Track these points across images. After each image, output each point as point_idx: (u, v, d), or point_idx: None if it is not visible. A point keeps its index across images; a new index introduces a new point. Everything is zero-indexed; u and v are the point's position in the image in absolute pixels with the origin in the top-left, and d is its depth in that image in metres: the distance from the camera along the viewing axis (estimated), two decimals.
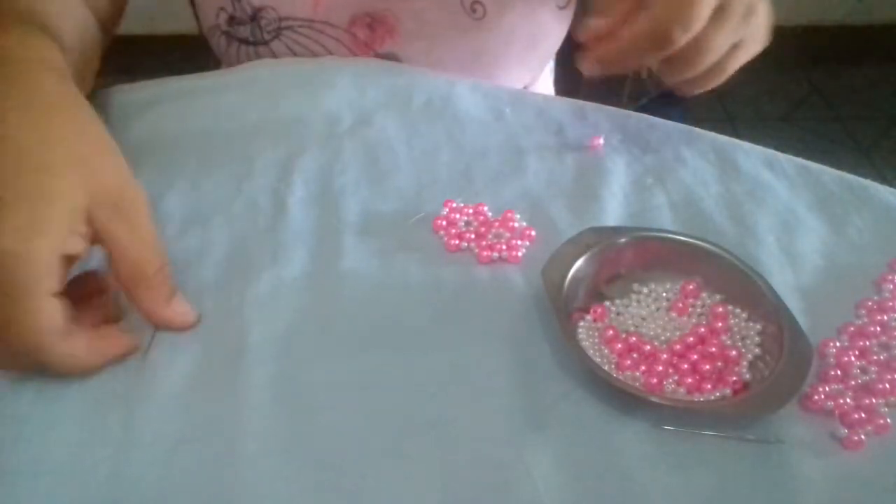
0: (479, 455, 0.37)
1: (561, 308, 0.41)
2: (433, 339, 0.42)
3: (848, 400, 0.39)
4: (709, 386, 0.40)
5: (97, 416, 0.38)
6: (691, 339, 0.41)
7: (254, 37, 0.65)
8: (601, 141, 0.54)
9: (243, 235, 0.48)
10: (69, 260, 0.38)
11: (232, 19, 0.65)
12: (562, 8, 0.67)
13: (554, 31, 0.68)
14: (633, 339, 0.41)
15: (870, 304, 0.45)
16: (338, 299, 0.44)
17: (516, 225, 0.49)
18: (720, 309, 0.43)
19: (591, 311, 0.43)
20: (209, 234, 0.48)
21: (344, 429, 0.38)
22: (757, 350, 0.41)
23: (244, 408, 0.39)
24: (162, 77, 0.61)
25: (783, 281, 0.46)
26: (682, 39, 0.43)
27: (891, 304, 0.45)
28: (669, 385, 0.40)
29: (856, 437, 0.38)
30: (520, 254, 0.47)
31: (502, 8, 0.63)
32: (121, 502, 0.36)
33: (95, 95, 0.57)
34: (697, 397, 0.39)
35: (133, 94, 0.59)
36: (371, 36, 0.64)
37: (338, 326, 0.43)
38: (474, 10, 0.62)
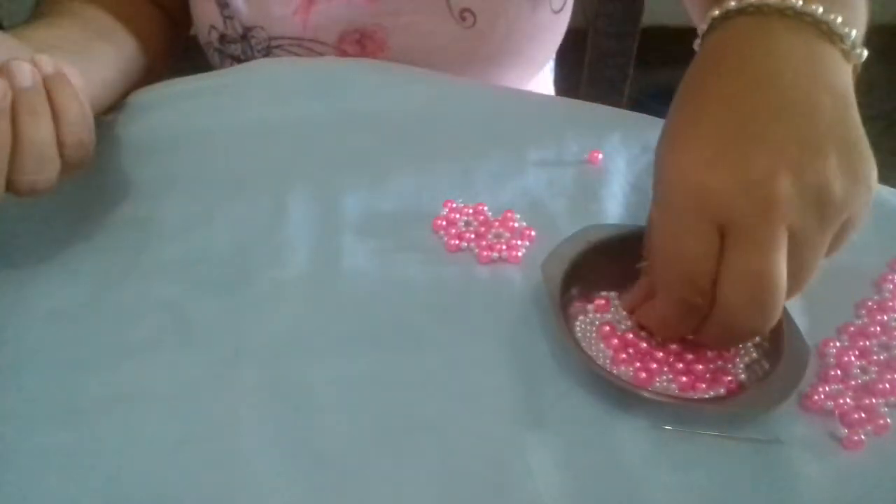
0: (479, 454, 0.37)
1: (558, 303, 0.41)
2: (433, 339, 0.42)
3: (848, 400, 0.39)
4: (703, 385, 0.40)
5: (97, 416, 0.38)
6: (690, 337, 0.42)
7: (245, 55, 0.66)
8: (601, 155, 0.53)
9: (243, 235, 0.48)
10: None
11: (223, 37, 0.66)
12: (556, 12, 0.66)
13: (548, 35, 0.68)
14: (630, 335, 0.41)
15: (870, 304, 0.45)
16: (338, 299, 0.44)
17: (516, 225, 0.49)
18: None
19: (595, 301, 0.43)
20: (209, 234, 0.48)
21: (344, 428, 0.38)
22: (754, 353, 0.41)
23: (244, 408, 0.39)
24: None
25: None
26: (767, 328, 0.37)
27: (891, 304, 0.45)
28: (661, 383, 0.40)
29: (856, 437, 0.38)
30: (520, 254, 0.47)
31: (493, 15, 0.62)
32: (121, 502, 0.36)
33: None
34: (692, 395, 0.40)
35: (135, 97, 0.59)
36: (361, 52, 0.64)
37: (337, 326, 0.43)
38: (464, 19, 0.62)
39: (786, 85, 0.37)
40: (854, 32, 0.39)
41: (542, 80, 0.77)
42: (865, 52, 0.40)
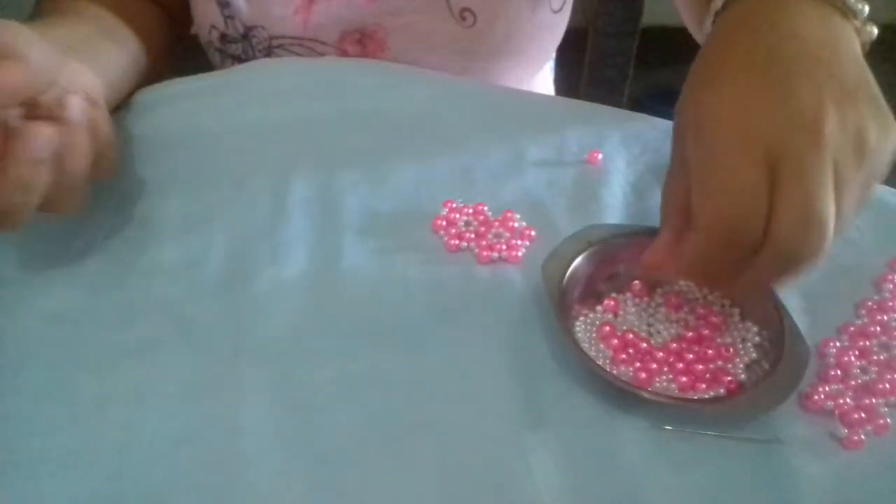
0: (479, 454, 0.37)
1: (559, 303, 0.42)
2: (433, 339, 0.42)
3: (848, 400, 0.39)
4: (703, 386, 0.40)
5: (97, 416, 0.39)
6: (689, 335, 0.42)
7: (245, 55, 0.66)
8: (600, 155, 0.53)
9: (243, 235, 0.48)
10: None
11: (224, 37, 0.66)
12: (556, 12, 0.66)
13: (548, 35, 0.68)
14: (630, 335, 0.41)
15: (870, 304, 0.45)
16: (338, 299, 0.44)
17: (516, 225, 0.49)
18: (716, 309, 0.43)
19: (605, 302, 0.43)
20: (209, 234, 0.48)
21: (344, 428, 0.38)
22: (754, 353, 0.41)
23: (244, 407, 0.39)
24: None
25: None
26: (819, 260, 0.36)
27: (891, 304, 0.45)
28: (661, 383, 0.40)
29: (856, 437, 0.38)
30: (520, 254, 0.47)
31: (493, 15, 0.62)
32: (121, 502, 0.36)
33: None
34: (691, 396, 0.40)
35: (135, 96, 0.59)
36: (362, 51, 0.64)
37: (337, 326, 0.43)
38: (464, 19, 0.62)
39: (812, 44, 0.38)
40: (866, 9, 0.40)
41: (542, 80, 0.77)
42: (875, 31, 0.41)
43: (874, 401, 0.39)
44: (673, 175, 0.40)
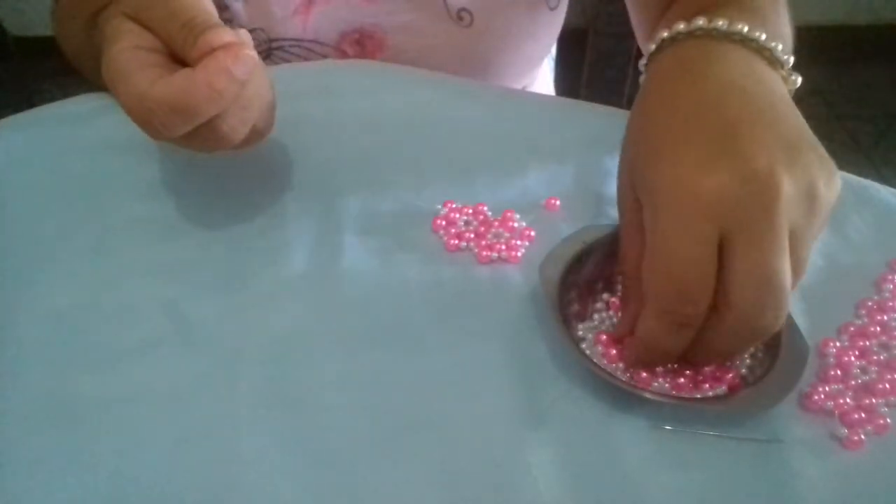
0: (479, 454, 0.37)
1: (556, 305, 0.42)
2: (433, 339, 0.42)
3: (848, 400, 0.39)
4: (703, 385, 0.40)
5: (97, 416, 0.39)
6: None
7: None
8: (558, 202, 0.51)
9: (243, 235, 0.48)
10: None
11: None
12: (553, 9, 0.67)
13: (545, 32, 0.68)
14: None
15: (870, 304, 0.45)
16: (338, 299, 0.45)
17: (516, 225, 0.49)
18: None
19: (609, 301, 0.43)
20: (209, 234, 0.48)
21: (344, 428, 0.38)
22: (754, 353, 0.41)
23: (244, 407, 0.39)
24: None
25: None
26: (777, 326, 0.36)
27: (891, 304, 0.45)
28: (661, 383, 0.40)
29: (856, 437, 0.38)
30: (519, 254, 0.47)
31: (490, 14, 0.63)
32: (121, 502, 0.36)
33: (100, 96, 0.57)
34: (691, 395, 0.40)
35: None
36: (361, 52, 0.64)
37: (337, 326, 0.43)
38: (461, 18, 0.62)
39: (751, 94, 0.38)
40: (791, 60, 0.42)
41: (542, 80, 0.77)
42: (799, 80, 0.42)
43: (874, 401, 0.40)
44: (632, 245, 0.40)
